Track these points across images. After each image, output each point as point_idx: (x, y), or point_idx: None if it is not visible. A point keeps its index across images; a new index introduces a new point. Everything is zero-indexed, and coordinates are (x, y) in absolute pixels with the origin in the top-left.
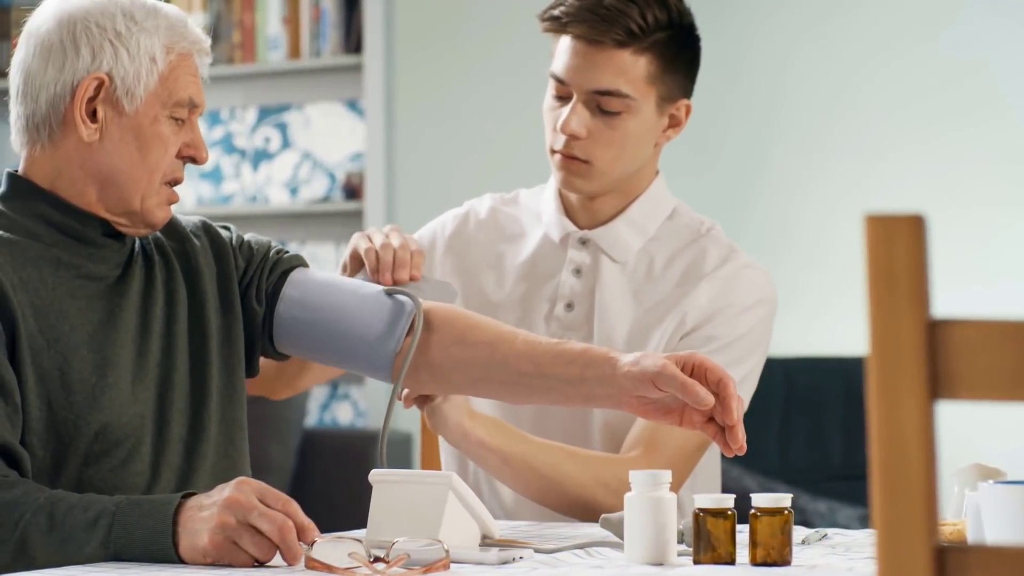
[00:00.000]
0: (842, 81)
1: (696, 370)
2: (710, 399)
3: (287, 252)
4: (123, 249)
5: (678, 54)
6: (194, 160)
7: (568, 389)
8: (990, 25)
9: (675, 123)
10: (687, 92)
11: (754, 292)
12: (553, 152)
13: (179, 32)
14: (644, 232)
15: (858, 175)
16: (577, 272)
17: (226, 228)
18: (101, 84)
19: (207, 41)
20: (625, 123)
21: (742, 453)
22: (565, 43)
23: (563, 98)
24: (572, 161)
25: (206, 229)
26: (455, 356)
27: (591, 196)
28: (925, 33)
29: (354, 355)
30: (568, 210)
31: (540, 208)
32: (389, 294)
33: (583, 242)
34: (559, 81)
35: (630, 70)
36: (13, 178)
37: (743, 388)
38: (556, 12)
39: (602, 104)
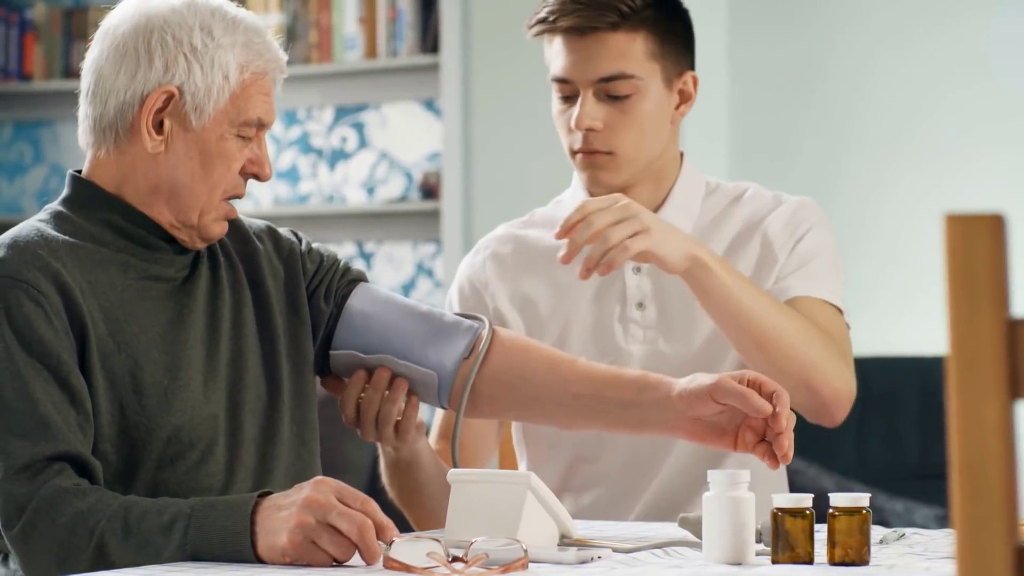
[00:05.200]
0: (923, 85)
1: (750, 384)
2: (768, 407)
3: (353, 267)
4: (189, 252)
5: (671, 26)
6: (257, 177)
7: (623, 413)
8: None
9: (686, 98)
10: (690, 64)
11: (821, 214)
12: (574, 153)
13: (256, 50)
14: (690, 213)
15: (937, 176)
16: (638, 270)
17: (294, 234)
18: (171, 97)
19: (284, 58)
20: (637, 105)
21: (787, 462)
22: (558, 43)
23: (569, 98)
24: (595, 155)
25: (271, 233)
26: (516, 370)
27: (621, 190)
28: (1007, 44)
29: (409, 377)
30: None
31: None
32: (456, 316)
33: None
34: (562, 81)
35: (629, 50)
36: (78, 181)
37: (837, 291)
38: (542, 14)
39: (610, 91)
